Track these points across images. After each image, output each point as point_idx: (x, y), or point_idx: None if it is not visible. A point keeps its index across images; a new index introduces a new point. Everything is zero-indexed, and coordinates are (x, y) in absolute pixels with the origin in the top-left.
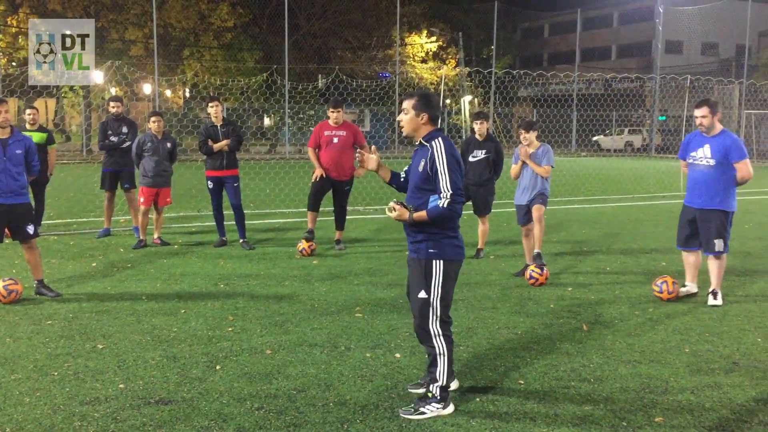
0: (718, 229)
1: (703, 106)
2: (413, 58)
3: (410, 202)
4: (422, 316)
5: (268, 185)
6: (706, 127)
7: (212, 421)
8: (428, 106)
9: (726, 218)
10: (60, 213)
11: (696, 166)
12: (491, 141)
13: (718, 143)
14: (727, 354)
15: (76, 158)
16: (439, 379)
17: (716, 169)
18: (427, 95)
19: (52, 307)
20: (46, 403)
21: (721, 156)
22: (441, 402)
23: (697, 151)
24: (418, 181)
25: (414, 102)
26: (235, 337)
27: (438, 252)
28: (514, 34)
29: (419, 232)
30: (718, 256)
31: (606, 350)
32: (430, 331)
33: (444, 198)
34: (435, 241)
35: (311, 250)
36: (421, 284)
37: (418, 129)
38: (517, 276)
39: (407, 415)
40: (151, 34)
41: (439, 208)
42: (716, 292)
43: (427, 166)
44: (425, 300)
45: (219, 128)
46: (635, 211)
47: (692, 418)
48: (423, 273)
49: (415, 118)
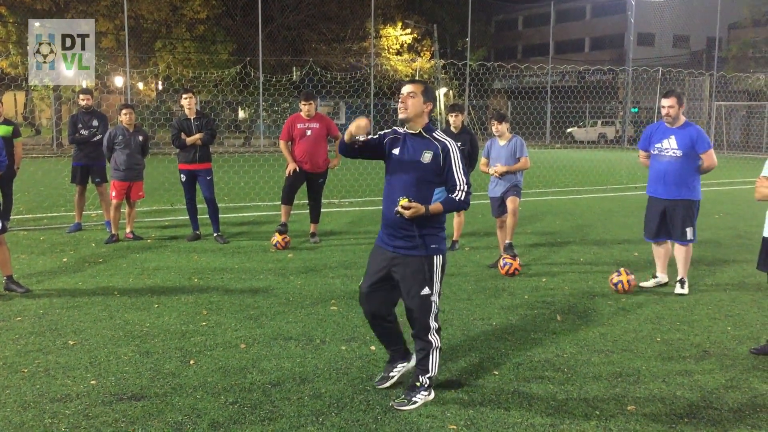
0: (688, 218)
1: (671, 96)
2: (388, 50)
3: (411, 195)
4: (424, 312)
5: (242, 178)
6: (672, 118)
7: (186, 416)
8: (433, 97)
9: (693, 207)
10: (30, 208)
11: (661, 156)
12: (466, 133)
13: (683, 134)
14: (697, 342)
15: (46, 152)
16: (430, 370)
17: (683, 160)
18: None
19: (22, 303)
20: (16, 400)
21: (687, 147)
22: (428, 389)
23: (662, 142)
24: (420, 173)
25: (423, 88)
26: (209, 332)
27: (438, 247)
28: (489, 26)
29: (420, 228)
30: (686, 244)
31: (579, 340)
32: (429, 326)
33: (460, 191)
34: (436, 236)
35: (285, 243)
36: (423, 281)
37: (420, 115)
38: (491, 267)
39: (403, 407)
40: (122, 25)
41: (456, 201)
42: (684, 280)
43: (439, 160)
44: (428, 296)
45: (192, 121)
46: (608, 203)
47: (664, 406)
48: (425, 269)
49: (422, 104)
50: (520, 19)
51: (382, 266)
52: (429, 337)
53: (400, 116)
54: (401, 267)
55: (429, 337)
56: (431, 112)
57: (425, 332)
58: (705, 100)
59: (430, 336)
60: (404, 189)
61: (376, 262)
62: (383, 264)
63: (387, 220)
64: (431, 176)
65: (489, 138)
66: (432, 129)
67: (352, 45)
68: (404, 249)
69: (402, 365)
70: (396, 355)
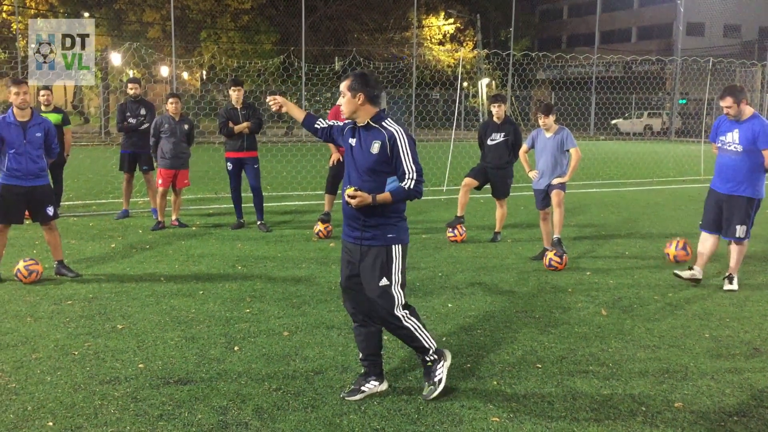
0: (741, 216)
1: (726, 96)
2: (430, 40)
3: (361, 186)
4: (386, 304)
5: (285, 167)
6: (734, 116)
7: (231, 401)
8: (364, 85)
9: (752, 205)
10: (79, 194)
11: (724, 151)
12: (509, 124)
13: (746, 129)
14: (747, 339)
15: (94, 140)
16: (427, 346)
17: (744, 156)
18: (363, 74)
19: (72, 288)
20: (67, 382)
21: (749, 142)
22: (440, 359)
23: (726, 136)
24: (371, 164)
25: (349, 83)
26: (253, 319)
27: (396, 237)
28: (533, 15)
29: (374, 217)
30: (739, 242)
31: (625, 335)
32: (398, 316)
33: (410, 179)
34: (393, 225)
35: (327, 232)
36: (380, 271)
37: (357, 110)
38: (534, 260)
39: (432, 395)
40: (169, 16)
41: (405, 190)
42: (733, 276)
43: (386, 149)
44: (387, 287)
45: (239, 110)
46: (654, 196)
47: (712, 403)
48: (382, 259)
49: (351, 100)
50: (565, 8)
51: (348, 258)
52: (404, 324)
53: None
54: (360, 258)
55: (404, 324)
56: (372, 97)
57: (397, 324)
58: (757, 91)
59: (405, 323)
60: (356, 180)
61: (343, 255)
62: (349, 256)
63: (345, 211)
64: (380, 166)
65: (532, 129)
66: (381, 117)
67: (395, 35)
68: (362, 240)
69: (374, 384)
70: (371, 369)
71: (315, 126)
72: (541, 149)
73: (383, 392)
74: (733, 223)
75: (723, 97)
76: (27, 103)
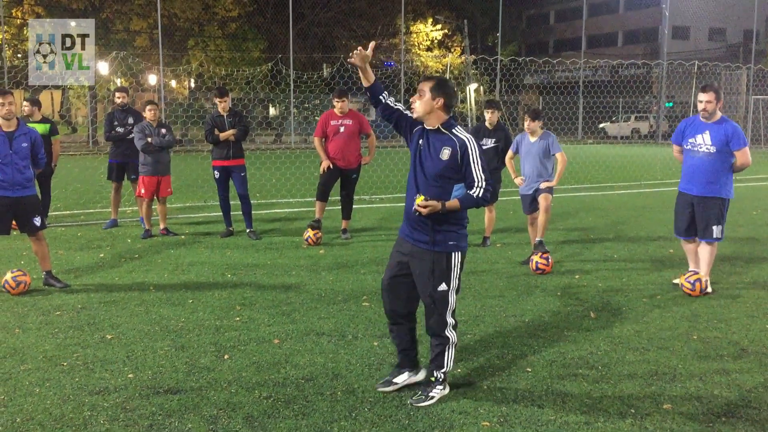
0: (717, 216)
1: (709, 91)
2: (418, 46)
3: (427, 190)
4: (441, 309)
5: (273, 175)
6: (709, 113)
7: (221, 410)
8: (445, 91)
9: (725, 205)
10: (67, 204)
11: (695, 152)
12: (501, 130)
13: (718, 130)
14: (735, 340)
15: (82, 149)
16: (445, 366)
17: (717, 157)
18: (446, 81)
19: (61, 298)
20: (56, 393)
21: (722, 143)
22: (443, 384)
23: (696, 138)
24: (440, 170)
25: (432, 84)
26: (243, 327)
27: (457, 244)
28: (520, 21)
29: (441, 224)
30: (711, 243)
31: (614, 337)
32: (446, 322)
33: (479, 187)
34: (455, 232)
35: (317, 238)
36: (440, 277)
37: (431, 113)
38: (523, 264)
39: (420, 404)
40: (156, 24)
41: (473, 198)
42: (707, 280)
43: (456, 157)
44: (445, 293)
45: (225, 118)
46: (642, 199)
47: (700, 404)
48: (442, 266)
49: (430, 101)
50: (552, 13)
51: (402, 258)
52: (446, 333)
53: (414, 116)
54: (418, 261)
55: (446, 332)
56: (449, 105)
57: (442, 328)
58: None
59: (447, 332)
60: (423, 184)
61: (396, 254)
62: (403, 256)
63: (408, 212)
64: (450, 173)
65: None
66: (452, 125)
67: (383, 41)
68: (423, 243)
69: (408, 374)
70: (405, 361)
71: (380, 97)
72: (526, 153)
73: (419, 382)
74: (710, 224)
75: (705, 91)
76: (12, 114)
